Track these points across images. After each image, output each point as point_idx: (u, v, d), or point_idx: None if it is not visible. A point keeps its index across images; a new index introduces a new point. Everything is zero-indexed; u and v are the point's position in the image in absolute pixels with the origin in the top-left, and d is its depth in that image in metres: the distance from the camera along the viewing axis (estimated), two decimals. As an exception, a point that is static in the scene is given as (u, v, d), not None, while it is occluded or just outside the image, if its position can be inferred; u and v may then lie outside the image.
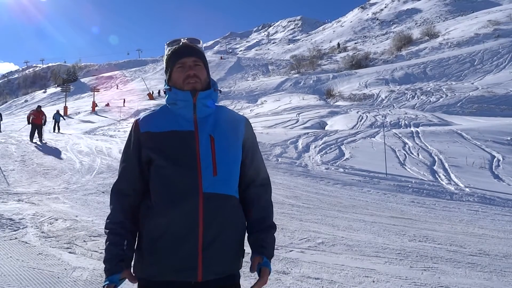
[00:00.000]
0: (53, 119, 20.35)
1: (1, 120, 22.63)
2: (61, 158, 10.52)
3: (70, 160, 10.22)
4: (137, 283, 1.43)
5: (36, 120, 14.56)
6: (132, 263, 1.44)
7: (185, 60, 1.43)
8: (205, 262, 1.33)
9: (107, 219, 1.45)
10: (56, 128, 20.40)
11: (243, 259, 1.50)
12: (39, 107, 15.89)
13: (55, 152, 11.61)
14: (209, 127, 1.41)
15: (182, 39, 1.48)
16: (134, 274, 1.41)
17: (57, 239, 4.34)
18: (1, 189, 6.81)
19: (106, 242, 1.41)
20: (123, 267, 1.37)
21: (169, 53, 1.48)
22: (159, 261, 1.35)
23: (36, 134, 14.31)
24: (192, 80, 1.41)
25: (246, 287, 1.51)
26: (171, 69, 1.46)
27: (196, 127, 1.40)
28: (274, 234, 1.50)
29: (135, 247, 1.43)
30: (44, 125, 14.92)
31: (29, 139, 13.96)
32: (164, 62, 1.51)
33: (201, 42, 1.52)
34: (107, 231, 1.42)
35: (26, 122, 15.23)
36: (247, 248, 1.49)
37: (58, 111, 21.66)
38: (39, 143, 13.60)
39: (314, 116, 21.59)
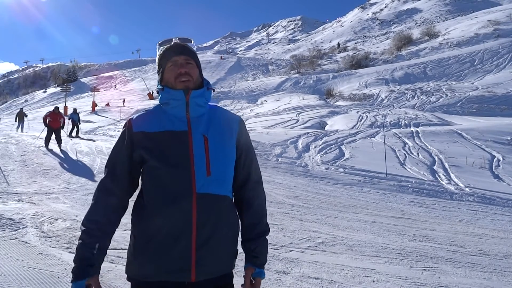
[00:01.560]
0: (69, 119, 17.35)
1: (26, 116, 21.38)
2: (61, 159, 10.51)
3: (71, 160, 10.22)
4: (130, 284, 1.42)
5: (53, 124, 12.51)
6: (125, 263, 1.43)
7: (176, 58, 1.43)
8: (198, 262, 1.33)
9: (86, 214, 1.41)
10: (74, 131, 17.49)
11: (236, 259, 1.50)
12: (57, 108, 13.57)
13: (58, 154, 11.60)
14: (202, 126, 1.41)
15: (173, 39, 1.49)
16: (126, 274, 1.40)
17: (57, 239, 4.34)
18: (1, 189, 6.81)
19: (78, 241, 1.39)
20: (91, 273, 1.34)
21: (161, 52, 1.48)
22: (152, 261, 1.34)
23: (54, 140, 12.48)
24: (184, 78, 1.41)
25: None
26: (163, 68, 1.46)
27: (189, 126, 1.39)
28: (267, 237, 1.52)
29: (106, 251, 1.41)
30: (62, 128, 13.01)
31: (44, 145, 12.29)
32: (157, 62, 1.51)
33: (192, 41, 1.53)
34: (83, 228, 1.39)
35: (43, 125, 13.08)
36: (240, 248, 1.51)
37: (75, 110, 18.68)
38: (57, 150, 11.87)
39: (314, 116, 21.58)
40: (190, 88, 1.42)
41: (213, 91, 1.54)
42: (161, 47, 1.49)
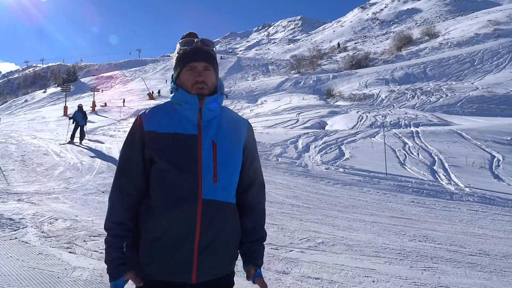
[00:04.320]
0: (70, 119, 14.54)
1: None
2: (61, 159, 10.51)
3: (71, 160, 10.22)
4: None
5: None
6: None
7: (195, 64, 1.41)
8: (200, 265, 1.35)
9: (107, 216, 1.43)
10: (78, 135, 13.96)
11: (236, 260, 1.54)
12: None
13: (58, 154, 11.60)
14: (212, 131, 1.41)
15: (195, 40, 1.44)
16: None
17: (57, 239, 4.34)
18: (1, 189, 6.81)
19: (105, 243, 1.40)
20: (125, 270, 1.37)
21: (181, 52, 1.45)
22: (155, 261, 1.36)
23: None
24: (199, 85, 1.40)
25: (241, 285, 1.53)
26: (181, 69, 1.44)
27: (199, 131, 1.40)
28: (264, 243, 1.57)
29: (135, 246, 1.42)
30: None
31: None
32: (174, 59, 1.49)
33: (215, 45, 1.50)
34: (107, 231, 1.41)
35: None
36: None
37: (80, 107, 14.84)
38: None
39: (314, 116, 21.57)
40: (205, 94, 1.41)
41: (226, 97, 1.54)
42: (182, 47, 1.45)
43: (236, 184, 1.47)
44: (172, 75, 1.50)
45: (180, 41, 1.47)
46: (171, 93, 1.47)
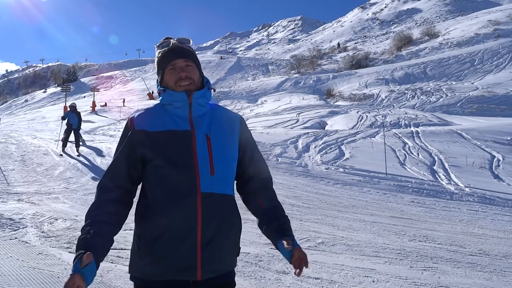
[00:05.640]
0: (63, 120, 12.47)
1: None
2: (61, 159, 10.52)
3: (71, 160, 10.22)
4: (132, 283, 1.43)
5: None
6: (126, 262, 1.43)
7: (175, 61, 1.43)
8: (204, 261, 1.35)
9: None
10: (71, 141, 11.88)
11: (238, 257, 1.53)
12: None
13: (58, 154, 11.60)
14: (205, 126, 1.42)
15: (171, 40, 1.48)
16: (130, 273, 1.40)
17: (57, 239, 4.34)
18: (1, 189, 6.81)
19: None
20: (82, 253, 1.20)
21: (159, 55, 1.47)
22: (158, 261, 1.35)
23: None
24: (185, 82, 1.42)
25: (241, 285, 1.52)
26: (163, 71, 1.46)
27: (192, 126, 1.41)
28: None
29: (105, 236, 1.31)
30: None
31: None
32: (156, 64, 1.51)
33: (191, 41, 1.52)
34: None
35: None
36: (242, 247, 1.52)
37: (73, 107, 12.50)
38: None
39: (314, 116, 21.56)
40: (192, 90, 1.42)
41: (214, 91, 1.55)
42: (159, 50, 1.48)
43: (233, 176, 1.48)
44: (157, 79, 1.51)
45: (157, 45, 1.50)
46: (159, 96, 1.48)
